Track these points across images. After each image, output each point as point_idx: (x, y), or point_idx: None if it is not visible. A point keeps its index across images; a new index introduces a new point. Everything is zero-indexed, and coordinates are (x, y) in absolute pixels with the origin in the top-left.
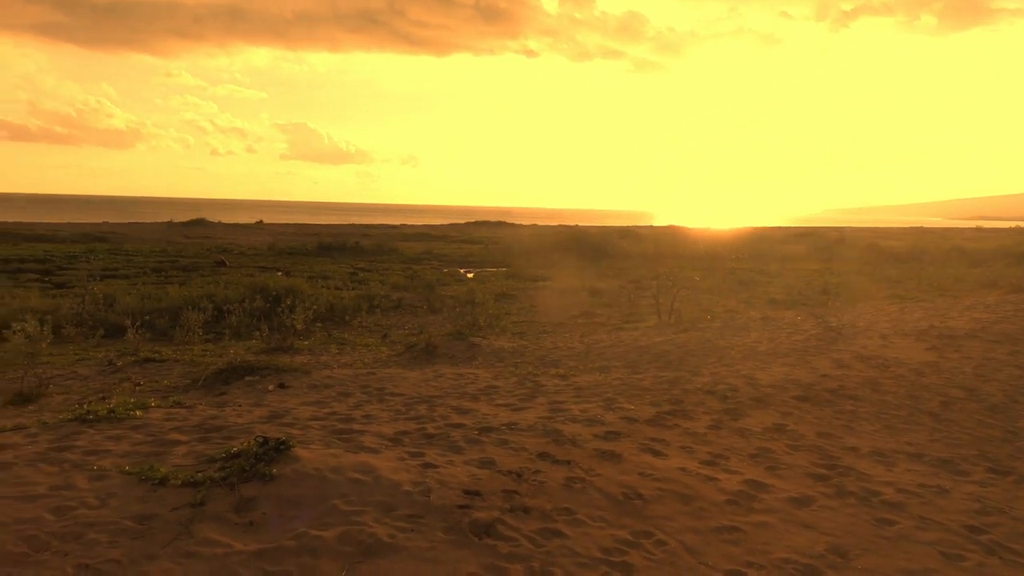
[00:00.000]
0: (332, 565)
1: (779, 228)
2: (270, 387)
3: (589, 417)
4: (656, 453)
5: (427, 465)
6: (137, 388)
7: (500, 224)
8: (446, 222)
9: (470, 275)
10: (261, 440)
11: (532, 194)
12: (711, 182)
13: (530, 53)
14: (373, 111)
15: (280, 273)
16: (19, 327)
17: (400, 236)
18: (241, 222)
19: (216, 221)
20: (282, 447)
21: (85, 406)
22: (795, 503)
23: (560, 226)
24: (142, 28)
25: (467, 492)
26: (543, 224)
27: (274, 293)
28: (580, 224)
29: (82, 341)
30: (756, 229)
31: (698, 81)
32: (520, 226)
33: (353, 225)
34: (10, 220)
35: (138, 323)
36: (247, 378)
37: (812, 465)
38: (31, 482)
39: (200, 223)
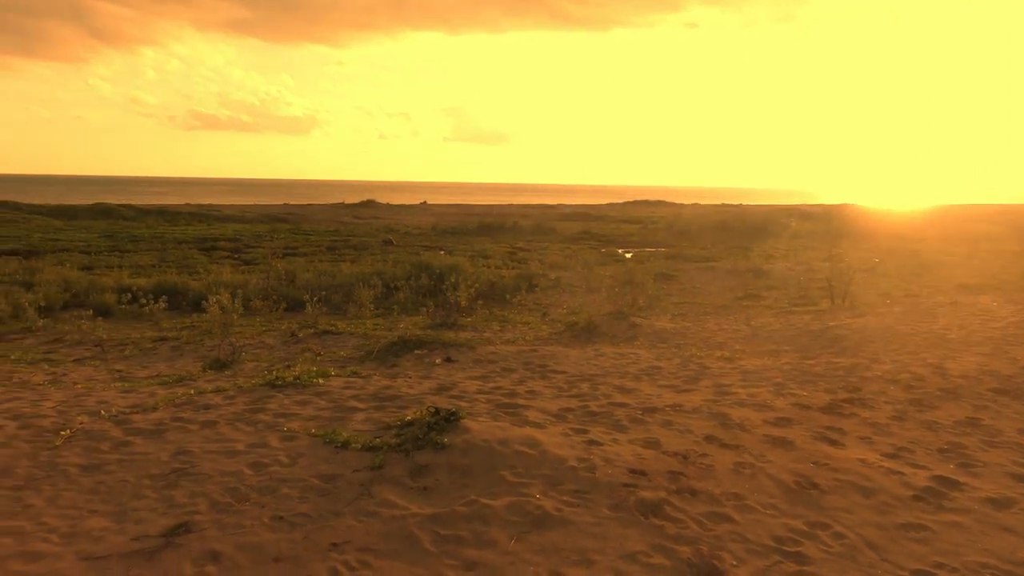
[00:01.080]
0: (502, 533)
1: (972, 206)
2: (437, 361)
3: (758, 402)
4: (832, 442)
5: (591, 442)
6: (318, 358)
7: (659, 203)
8: (603, 202)
9: (628, 255)
10: (433, 411)
11: (692, 172)
12: (892, 157)
13: (691, 25)
14: (530, 90)
15: (443, 252)
16: (215, 300)
17: (557, 216)
18: (406, 203)
19: (384, 202)
20: (452, 418)
21: (274, 373)
22: (993, 504)
23: (723, 205)
24: (317, 20)
25: (632, 471)
26: (705, 203)
27: (438, 271)
28: (744, 203)
29: (267, 313)
30: (944, 208)
31: (882, 42)
32: (680, 205)
33: (511, 205)
34: (205, 202)
35: (316, 298)
36: (416, 351)
37: (1013, 464)
38: (232, 439)
39: (369, 204)
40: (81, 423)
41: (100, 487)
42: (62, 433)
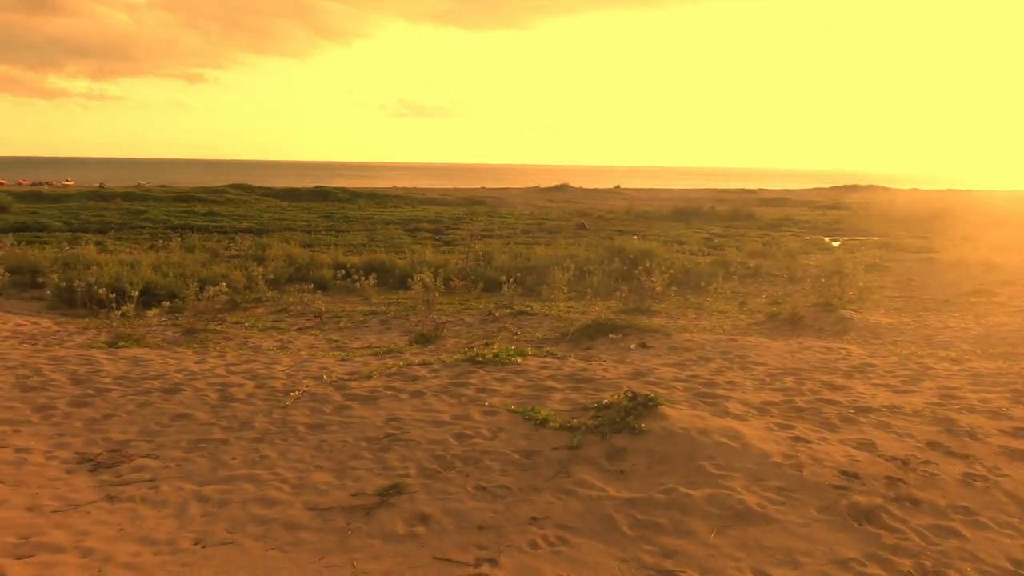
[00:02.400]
0: (701, 524)
1: None
2: (632, 346)
3: (991, 409)
4: None
5: (797, 439)
6: (514, 337)
7: (870, 188)
8: (808, 187)
9: (835, 243)
10: (630, 395)
11: (906, 157)
12: None
13: None
14: (730, 66)
15: (636, 237)
16: (419, 278)
17: (757, 201)
18: (599, 187)
19: (577, 186)
20: (650, 404)
21: (474, 349)
22: None
23: (946, 191)
24: (513, 7)
25: (844, 473)
26: (924, 189)
27: (631, 256)
28: (972, 189)
29: (465, 293)
30: None
31: None
32: (895, 191)
33: (708, 189)
34: (410, 186)
35: (511, 279)
36: (610, 335)
37: None
38: (438, 410)
39: (563, 188)
40: (307, 386)
41: (323, 445)
42: (291, 394)
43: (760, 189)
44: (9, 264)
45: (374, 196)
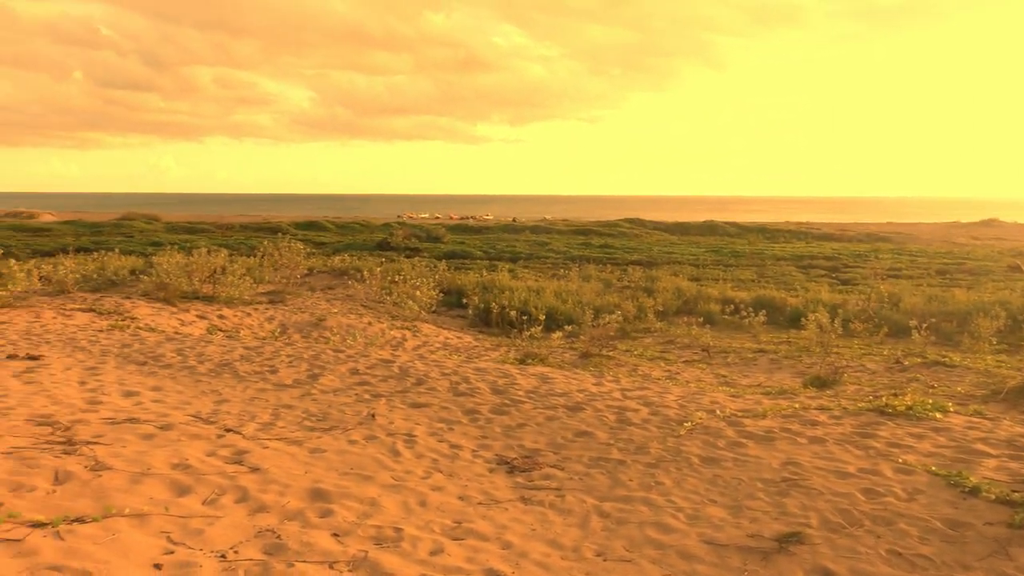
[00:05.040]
0: None
1: None
2: None
3: None
4: None
5: None
6: (930, 390)
7: None
8: None
9: None
10: None
11: None
12: None
13: None
14: None
15: None
16: (813, 318)
17: None
18: None
19: (1010, 221)
20: None
21: (883, 399)
22: None
23: None
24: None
25: None
26: None
27: None
28: None
29: (867, 337)
30: None
31: None
32: None
33: None
34: (803, 220)
35: (923, 324)
36: None
37: None
38: (841, 460)
39: (990, 223)
40: (699, 419)
41: (717, 480)
42: (685, 425)
43: None
44: (442, 286)
45: (764, 231)
